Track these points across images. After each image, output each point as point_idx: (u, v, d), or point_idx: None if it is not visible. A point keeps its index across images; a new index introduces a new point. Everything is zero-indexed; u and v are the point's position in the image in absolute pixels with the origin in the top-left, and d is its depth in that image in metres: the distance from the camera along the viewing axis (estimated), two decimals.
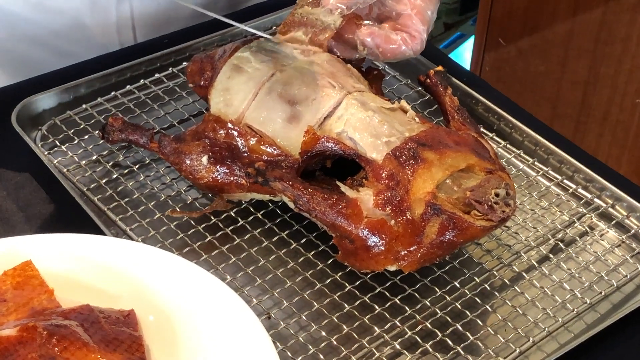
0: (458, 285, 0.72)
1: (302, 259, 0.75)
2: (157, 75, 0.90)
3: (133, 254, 0.71)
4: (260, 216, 0.78)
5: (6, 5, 0.98)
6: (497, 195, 0.69)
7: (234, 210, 0.78)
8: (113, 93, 0.88)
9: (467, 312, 0.71)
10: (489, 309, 0.71)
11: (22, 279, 0.70)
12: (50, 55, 1.00)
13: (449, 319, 0.70)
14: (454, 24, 2.13)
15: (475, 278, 0.73)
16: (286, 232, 0.76)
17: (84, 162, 0.82)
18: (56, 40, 1.00)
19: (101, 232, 0.74)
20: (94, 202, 0.78)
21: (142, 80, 0.89)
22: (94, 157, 0.82)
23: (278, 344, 0.68)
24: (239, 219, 0.77)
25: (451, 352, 0.68)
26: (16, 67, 1.01)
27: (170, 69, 0.91)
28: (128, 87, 0.89)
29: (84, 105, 0.87)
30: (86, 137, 0.84)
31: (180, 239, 0.76)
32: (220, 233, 0.76)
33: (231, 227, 0.77)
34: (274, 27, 0.96)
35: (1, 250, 0.70)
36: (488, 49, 1.79)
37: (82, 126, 0.85)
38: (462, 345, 0.68)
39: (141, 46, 0.96)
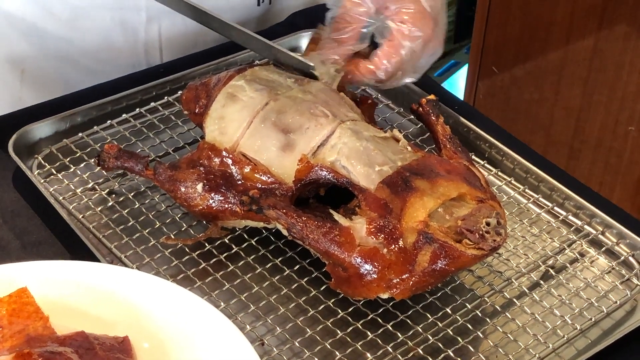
0: (450, 312, 0.73)
1: (295, 285, 0.75)
2: (152, 103, 0.91)
3: (128, 281, 0.71)
4: (254, 243, 0.78)
5: (40, 22, 1.00)
6: (488, 224, 0.70)
7: (228, 237, 0.78)
8: (109, 121, 0.89)
9: (459, 339, 0.71)
10: (481, 335, 0.72)
11: (18, 305, 0.70)
12: (79, 74, 1.02)
13: (441, 345, 0.71)
14: (449, 52, 2.14)
15: (467, 304, 0.74)
16: (280, 259, 0.77)
17: (79, 189, 0.83)
18: (85, 59, 1.02)
19: (96, 259, 0.74)
20: (90, 230, 0.79)
21: (137, 109, 0.90)
22: (90, 185, 0.83)
23: None
24: (233, 246, 0.78)
25: None
26: (45, 84, 1.03)
27: (165, 97, 0.92)
28: (124, 115, 0.90)
29: (80, 134, 0.88)
30: (82, 165, 0.85)
31: (175, 266, 0.76)
32: (214, 260, 0.77)
33: (225, 254, 0.77)
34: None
35: None
36: (482, 76, 1.81)
37: (78, 154, 0.86)
38: None
39: (136, 75, 0.97)
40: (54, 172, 0.84)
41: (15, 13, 1.01)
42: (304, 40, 1.00)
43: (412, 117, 0.89)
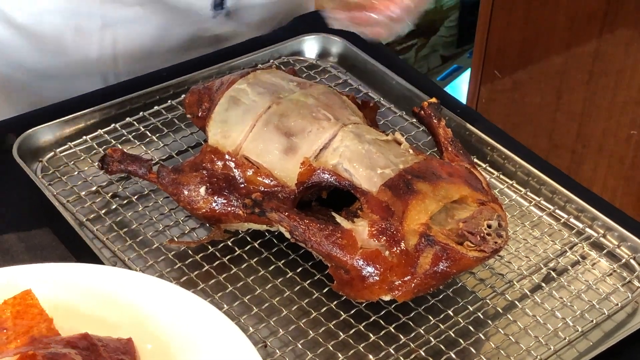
0: (452, 314, 0.73)
1: (298, 287, 0.76)
2: (156, 107, 0.92)
3: (132, 283, 0.72)
4: (257, 246, 0.79)
5: None
6: (489, 226, 0.71)
7: (231, 239, 0.79)
8: (113, 125, 0.89)
9: (461, 341, 0.71)
10: (483, 337, 0.72)
11: (22, 307, 0.70)
12: (36, 80, 1.02)
13: (443, 347, 0.71)
14: (451, 57, 2.15)
15: (469, 306, 0.74)
16: (282, 262, 0.77)
17: (83, 192, 0.83)
18: (39, 66, 1.02)
19: (100, 262, 0.75)
20: (93, 233, 0.80)
21: (141, 113, 0.91)
22: (94, 188, 0.84)
23: None
24: (236, 249, 0.78)
25: None
26: (11, 94, 1.03)
27: (169, 101, 0.93)
28: (128, 119, 0.90)
29: (84, 137, 0.88)
30: (86, 168, 0.86)
31: (178, 269, 0.77)
32: (217, 262, 0.77)
33: (228, 257, 0.78)
34: (271, 61, 0.99)
35: (1, 280, 0.71)
36: (484, 81, 1.82)
37: (82, 158, 0.87)
38: None
39: (140, 79, 0.97)
40: (58, 176, 0.85)
41: None
42: (307, 44, 1.01)
43: (414, 120, 0.89)
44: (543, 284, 0.77)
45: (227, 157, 0.78)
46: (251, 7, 1.04)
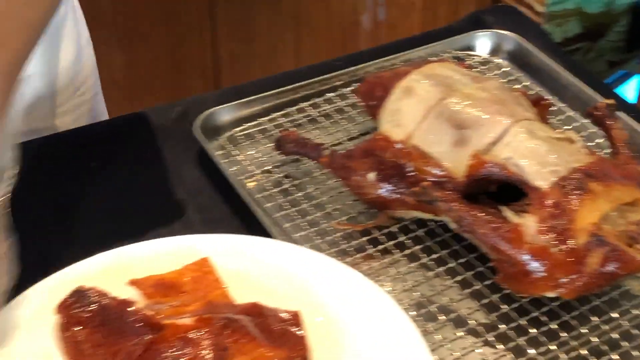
0: (616, 316, 0.73)
1: (460, 278, 0.77)
2: (328, 95, 0.95)
3: (301, 258, 0.75)
4: (420, 234, 0.81)
5: None
6: None
7: (396, 226, 0.81)
8: (287, 109, 0.94)
9: (625, 343, 0.71)
10: None
11: (200, 274, 0.75)
12: None
13: (607, 348, 0.71)
14: (619, 62, 2.09)
15: (634, 310, 0.73)
16: (445, 252, 0.79)
17: (257, 171, 0.87)
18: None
19: (270, 237, 0.79)
20: (265, 210, 0.84)
21: (313, 99, 0.95)
22: (267, 168, 0.88)
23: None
24: (400, 235, 0.81)
25: None
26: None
27: (340, 89, 0.96)
28: (300, 104, 0.94)
29: (259, 120, 0.93)
30: (260, 148, 0.90)
31: (342, 250, 0.80)
32: (380, 247, 0.80)
33: (392, 242, 0.80)
34: (445, 55, 1.00)
35: (182, 246, 0.76)
36: None
37: (256, 138, 0.91)
38: None
39: (314, 68, 1.01)
40: (234, 154, 0.90)
41: None
42: (479, 40, 1.01)
43: (588, 121, 0.89)
44: None
45: (397, 145, 0.80)
46: None
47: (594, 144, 0.88)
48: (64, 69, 1.01)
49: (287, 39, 1.94)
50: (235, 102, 0.93)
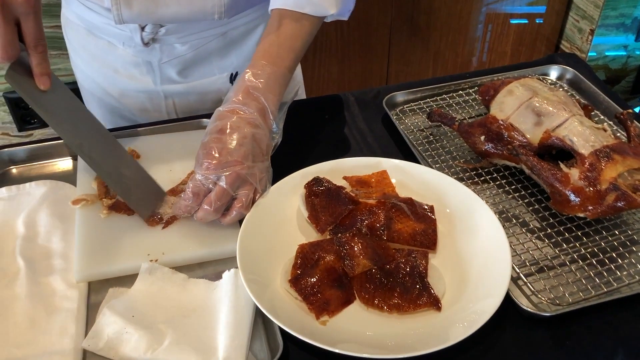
0: (616, 233, 0.77)
1: (526, 200, 0.82)
2: (460, 92, 0.98)
3: (436, 177, 0.82)
4: (506, 174, 0.87)
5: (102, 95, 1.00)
6: None
7: (492, 167, 0.87)
8: (435, 98, 0.98)
9: (620, 249, 0.75)
10: None
11: (380, 179, 0.84)
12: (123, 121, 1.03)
13: (608, 248, 0.75)
14: (627, 100, 2.04)
15: (628, 231, 0.77)
16: (519, 185, 0.85)
17: (415, 129, 0.94)
18: (129, 114, 1.02)
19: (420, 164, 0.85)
20: (418, 150, 0.89)
21: (451, 94, 0.97)
22: (421, 128, 0.94)
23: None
24: (494, 173, 0.87)
25: None
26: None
27: (467, 90, 0.99)
28: (443, 96, 0.97)
29: (419, 102, 0.97)
30: (418, 117, 0.94)
31: (460, 177, 0.85)
32: (482, 178, 0.86)
33: (488, 177, 0.86)
34: (532, 75, 1.03)
35: (372, 162, 0.84)
36: None
37: (416, 112, 0.96)
38: None
39: (452, 77, 1.04)
40: (404, 119, 0.97)
41: (94, 92, 1.01)
42: (550, 69, 1.03)
43: (611, 121, 0.92)
44: None
45: (500, 122, 0.87)
46: None
47: (617, 135, 0.91)
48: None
49: (428, 67, 2.00)
50: (405, 90, 1.00)
